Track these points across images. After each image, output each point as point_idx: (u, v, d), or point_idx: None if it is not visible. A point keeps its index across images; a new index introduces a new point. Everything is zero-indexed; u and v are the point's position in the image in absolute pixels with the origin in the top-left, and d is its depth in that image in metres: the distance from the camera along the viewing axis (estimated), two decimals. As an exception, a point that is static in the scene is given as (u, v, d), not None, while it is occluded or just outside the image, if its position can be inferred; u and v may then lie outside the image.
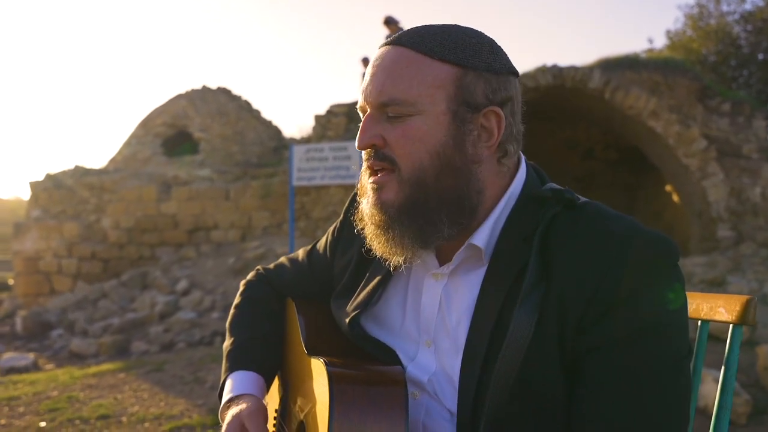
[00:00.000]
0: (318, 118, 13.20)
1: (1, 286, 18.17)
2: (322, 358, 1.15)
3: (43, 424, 4.69)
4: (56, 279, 12.93)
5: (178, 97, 16.49)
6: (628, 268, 1.02)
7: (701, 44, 17.20)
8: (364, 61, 13.29)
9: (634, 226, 1.07)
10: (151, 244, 12.87)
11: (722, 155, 10.58)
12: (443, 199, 1.11)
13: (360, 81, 13.03)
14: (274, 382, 1.52)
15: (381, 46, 1.18)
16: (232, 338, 1.47)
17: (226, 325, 1.53)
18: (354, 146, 10.53)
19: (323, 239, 1.52)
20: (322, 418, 1.10)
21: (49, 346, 9.14)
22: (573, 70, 11.11)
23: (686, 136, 10.61)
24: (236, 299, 1.57)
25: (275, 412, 1.49)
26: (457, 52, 1.12)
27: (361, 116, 1.18)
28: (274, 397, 1.53)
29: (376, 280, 1.29)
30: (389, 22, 12.40)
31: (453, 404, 1.13)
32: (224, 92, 16.91)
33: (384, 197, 1.13)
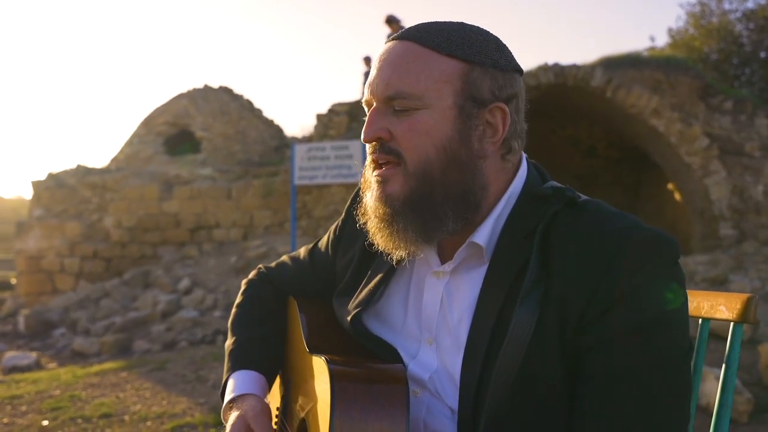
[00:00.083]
0: (320, 117, 13.20)
1: (3, 285, 18.21)
2: (323, 356, 1.15)
3: (46, 422, 4.70)
4: (58, 278, 12.94)
5: (180, 96, 16.50)
6: (628, 265, 1.02)
7: (703, 42, 17.16)
8: (366, 60, 13.30)
9: (635, 224, 1.07)
10: (153, 243, 12.88)
11: (724, 153, 10.57)
12: (449, 193, 1.12)
13: (362, 80, 13.12)
14: (276, 380, 1.52)
15: (387, 41, 1.18)
16: (234, 337, 1.48)
17: (228, 324, 1.54)
18: (356, 145, 10.61)
19: (325, 237, 1.52)
20: (323, 415, 1.10)
21: (51, 345, 9.15)
22: (575, 68, 11.11)
23: (688, 134, 10.60)
24: (238, 298, 1.57)
25: (277, 410, 1.49)
26: (464, 48, 1.12)
27: (366, 110, 1.18)
28: (275, 396, 1.53)
29: (378, 277, 1.29)
30: (391, 21, 12.42)
31: (454, 402, 1.13)
32: (226, 91, 16.92)
33: (389, 190, 1.13)
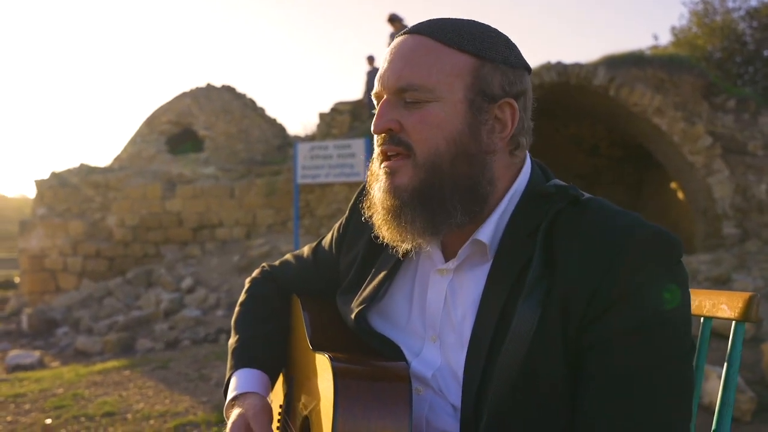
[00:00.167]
0: (322, 116, 13.20)
1: (7, 284, 18.27)
2: (326, 354, 1.15)
3: (49, 421, 4.71)
4: (62, 277, 12.96)
5: (183, 96, 16.52)
6: (631, 263, 1.02)
7: (706, 41, 17.12)
8: (370, 59, 13.30)
9: (638, 222, 1.07)
10: (156, 242, 12.90)
11: (727, 152, 10.54)
12: (458, 186, 1.12)
13: (365, 79, 13.11)
14: (279, 378, 1.52)
15: (398, 35, 1.19)
16: (237, 336, 1.48)
17: (232, 322, 1.54)
18: (358, 144, 10.61)
19: (329, 236, 1.52)
20: (326, 413, 1.10)
21: (54, 344, 9.17)
22: (577, 67, 11.09)
23: (691, 133, 10.58)
24: (241, 297, 1.57)
25: (280, 408, 1.49)
26: (476, 44, 1.13)
27: (375, 104, 1.19)
28: (278, 394, 1.54)
29: (382, 275, 1.29)
30: (393, 20, 12.41)
31: (457, 399, 1.13)
32: (229, 90, 16.93)
33: (398, 181, 1.14)
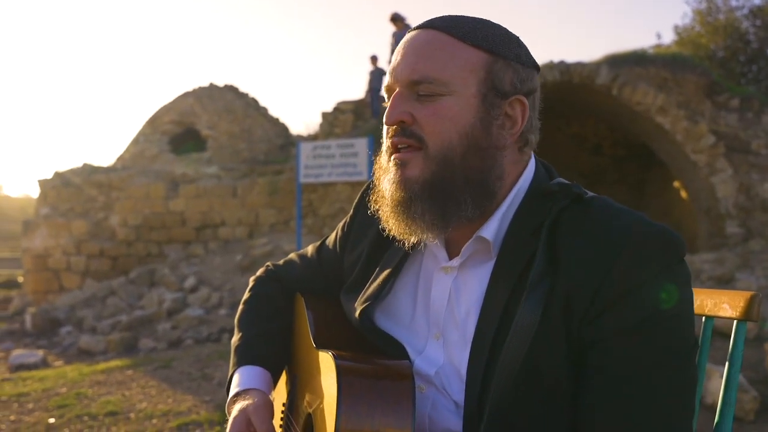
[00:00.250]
0: (325, 116, 13.21)
1: (10, 284, 18.31)
2: (330, 352, 1.16)
3: (52, 420, 4.72)
4: (65, 276, 12.99)
5: (186, 95, 16.54)
6: (633, 261, 1.03)
7: (710, 40, 17.10)
8: (373, 59, 13.30)
9: (641, 220, 1.07)
10: (159, 242, 12.91)
11: (731, 151, 10.53)
12: (468, 179, 1.13)
13: (368, 79, 13.11)
14: (282, 377, 1.53)
15: (410, 31, 1.20)
16: (240, 334, 1.48)
17: (235, 320, 1.54)
18: (361, 143, 10.60)
19: (333, 235, 1.53)
20: (329, 410, 1.11)
21: (58, 343, 9.19)
22: (580, 66, 11.08)
23: (694, 132, 10.57)
24: (245, 295, 1.58)
25: (283, 406, 1.49)
26: (489, 40, 1.15)
27: (386, 97, 1.19)
28: (281, 392, 1.54)
29: (386, 272, 1.30)
30: (396, 19, 12.43)
31: (460, 396, 1.13)
32: (231, 90, 16.95)
33: (408, 173, 1.14)
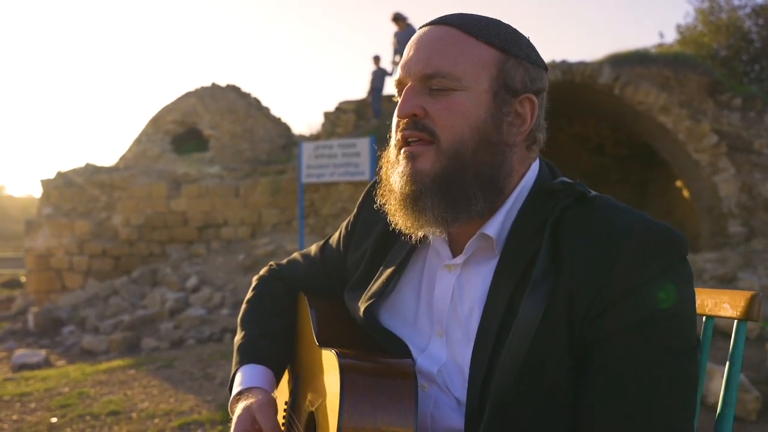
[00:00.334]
0: (327, 115, 13.22)
1: (13, 283, 18.33)
2: (333, 350, 1.16)
3: (55, 419, 4.73)
4: (67, 276, 13.00)
5: (188, 95, 16.55)
6: (636, 260, 1.03)
7: (712, 39, 17.08)
8: (376, 59, 13.30)
9: (644, 219, 1.07)
10: (161, 241, 12.92)
11: (733, 150, 10.51)
12: (479, 174, 1.13)
13: (370, 78, 13.10)
14: (284, 375, 1.53)
15: (422, 27, 1.21)
16: (243, 332, 1.49)
17: (238, 319, 1.55)
18: (363, 143, 10.58)
19: (336, 234, 1.54)
20: (332, 408, 1.11)
21: (60, 343, 9.20)
22: (582, 65, 11.06)
23: (697, 131, 10.55)
24: (248, 294, 1.58)
25: (285, 404, 1.50)
26: (501, 38, 1.16)
27: (396, 92, 1.20)
28: (284, 391, 1.54)
29: (390, 270, 1.30)
30: (398, 19, 12.43)
31: (462, 393, 1.14)
32: (234, 90, 16.96)
33: (420, 166, 1.14)
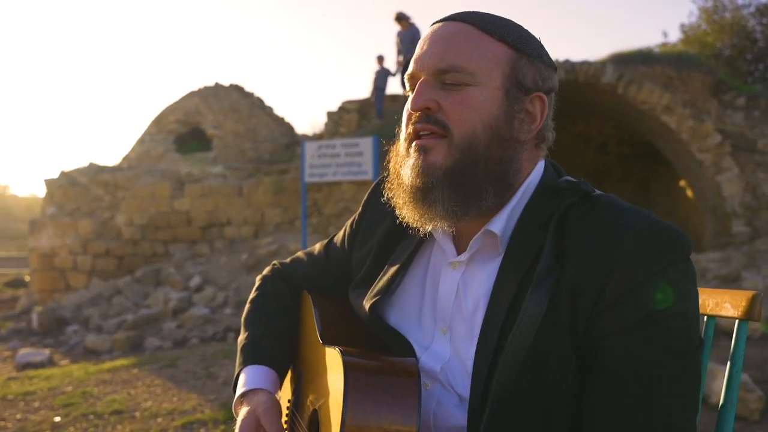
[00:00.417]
0: (330, 115, 13.22)
1: (17, 283, 18.38)
2: (337, 347, 1.16)
3: (58, 419, 4.74)
4: (71, 275, 13.02)
5: (191, 95, 16.58)
6: (638, 258, 1.03)
7: (716, 38, 17.06)
8: (380, 59, 13.29)
9: (648, 218, 1.07)
10: (165, 241, 12.93)
11: (737, 150, 10.49)
12: (490, 169, 1.14)
13: (373, 78, 13.09)
14: (288, 374, 1.53)
15: (435, 23, 1.21)
16: (247, 333, 1.49)
17: (242, 319, 1.55)
18: (366, 142, 10.58)
19: (341, 232, 1.54)
20: (335, 406, 1.11)
21: (64, 342, 9.22)
22: (586, 65, 11.05)
23: (700, 130, 10.53)
24: (252, 294, 1.58)
25: (288, 402, 1.50)
26: (514, 37, 1.17)
27: (407, 86, 1.21)
28: (286, 389, 1.54)
29: (395, 268, 1.31)
30: (401, 18, 12.44)
31: (465, 389, 1.14)
32: (237, 89, 16.98)
33: (431, 159, 1.14)
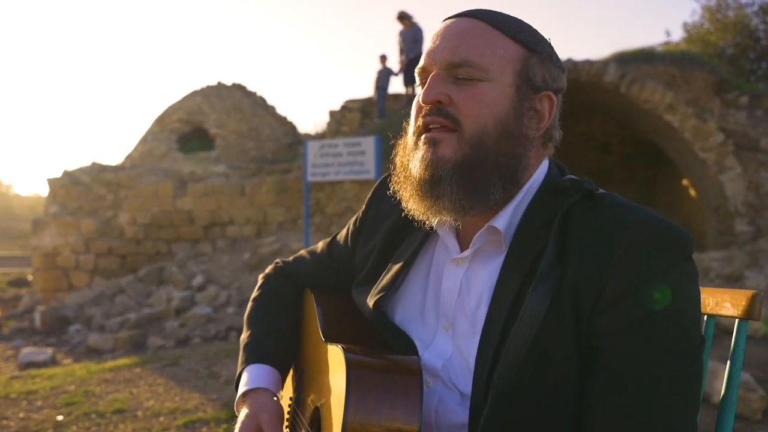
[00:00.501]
0: (332, 114, 13.22)
1: (20, 282, 18.41)
2: (340, 345, 1.16)
3: (60, 417, 4.74)
4: (74, 274, 13.04)
5: (194, 94, 16.59)
6: (640, 257, 1.03)
7: (719, 37, 17.02)
8: (382, 58, 13.30)
9: (649, 217, 1.08)
10: (168, 240, 12.95)
11: (740, 149, 10.47)
12: (500, 164, 1.15)
13: (375, 77, 13.10)
14: (290, 372, 1.53)
15: (447, 19, 1.22)
16: (249, 331, 1.49)
17: (244, 317, 1.55)
18: (368, 142, 10.58)
19: (344, 230, 1.54)
20: (337, 403, 1.11)
21: (67, 341, 9.24)
22: (588, 64, 11.03)
23: (703, 129, 10.51)
24: (254, 292, 1.58)
25: (290, 400, 1.50)
26: (526, 35, 1.18)
27: (418, 80, 1.21)
28: (288, 386, 1.54)
29: (398, 265, 1.31)
30: (403, 18, 12.45)
31: (467, 386, 1.14)
32: (239, 88, 16.98)
33: (441, 152, 1.15)
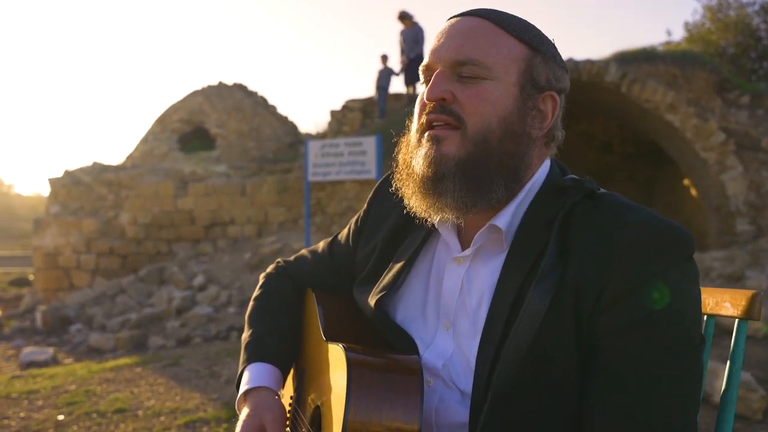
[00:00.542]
0: (333, 114, 13.22)
1: (21, 282, 18.42)
2: (341, 344, 1.17)
3: (61, 417, 4.75)
4: (75, 274, 13.04)
5: (195, 94, 16.59)
6: (641, 257, 1.04)
7: (720, 36, 17.01)
8: (383, 58, 13.30)
9: (651, 216, 1.08)
10: (168, 240, 12.95)
11: (741, 148, 10.46)
12: (503, 162, 1.15)
13: (376, 77, 13.09)
14: (291, 371, 1.53)
15: (452, 17, 1.22)
16: (251, 330, 1.49)
17: (246, 317, 1.55)
18: (369, 141, 10.57)
19: (345, 230, 1.54)
20: (338, 402, 1.12)
21: (68, 341, 9.25)
22: (589, 63, 11.02)
23: (704, 129, 10.51)
24: (256, 291, 1.59)
25: (291, 399, 1.50)
26: (530, 36, 1.18)
27: (422, 78, 1.22)
28: (288, 385, 1.55)
29: (400, 264, 1.31)
30: (404, 17, 12.46)
31: (467, 385, 1.14)
32: (240, 88, 16.99)
33: (444, 150, 1.15)
